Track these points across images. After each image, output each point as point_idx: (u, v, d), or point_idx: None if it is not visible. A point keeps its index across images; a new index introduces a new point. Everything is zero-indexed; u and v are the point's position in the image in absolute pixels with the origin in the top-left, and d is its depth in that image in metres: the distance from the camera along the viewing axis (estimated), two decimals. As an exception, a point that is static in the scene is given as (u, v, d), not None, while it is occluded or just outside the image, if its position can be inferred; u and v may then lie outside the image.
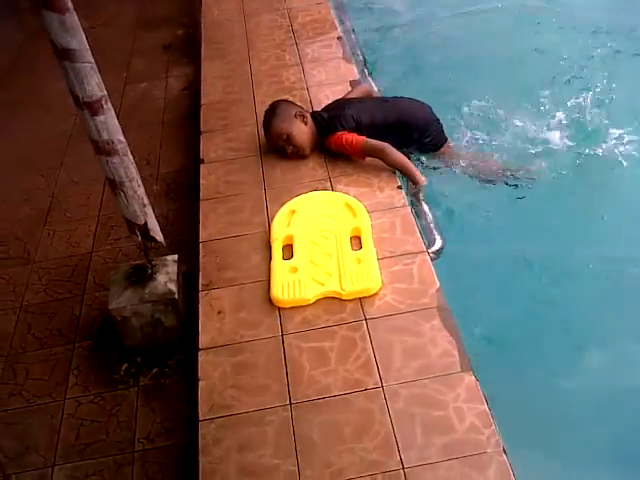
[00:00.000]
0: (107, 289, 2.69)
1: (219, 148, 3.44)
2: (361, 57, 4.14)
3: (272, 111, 3.26)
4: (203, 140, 3.52)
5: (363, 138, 3.10)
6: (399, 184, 3.05)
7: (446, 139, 3.40)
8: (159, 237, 2.61)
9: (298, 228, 2.80)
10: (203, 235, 2.92)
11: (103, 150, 2.32)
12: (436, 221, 2.95)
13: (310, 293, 2.52)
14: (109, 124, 2.28)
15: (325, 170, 3.17)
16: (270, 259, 2.71)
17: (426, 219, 2.95)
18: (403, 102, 3.39)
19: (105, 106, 2.24)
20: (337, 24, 4.40)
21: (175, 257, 2.79)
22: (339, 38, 4.23)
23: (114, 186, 2.42)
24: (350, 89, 3.67)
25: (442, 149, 3.37)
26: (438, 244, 2.82)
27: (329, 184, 3.08)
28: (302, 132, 3.20)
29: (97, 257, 3.17)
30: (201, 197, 3.13)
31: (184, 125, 4.01)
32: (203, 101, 3.83)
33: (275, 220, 2.86)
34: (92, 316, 2.88)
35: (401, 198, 2.96)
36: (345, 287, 2.51)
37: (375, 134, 3.18)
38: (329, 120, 3.21)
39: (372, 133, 3.18)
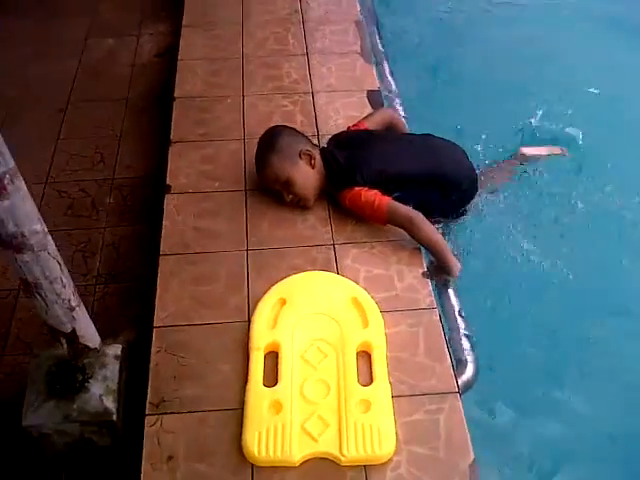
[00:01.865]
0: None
1: (192, 171, 2.62)
2: (381, 50, 3.27)
3: (270, 144, 2.43)
4: (172, 155, 2.69)
5: (388, 200, 2.33)
6: (425, 269, 2.31)
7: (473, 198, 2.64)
8: (93, 343, 1.86)
9: (287, 332, 2.05)
10: (159, 315, 2.16)
11: (9, 245, 1.52)
12: (470, 330, 2.23)
13: (298, 452, 1.81)
14: (17, 210, 1.47)
15: (329, 231, 2.40)
16: (246, 377, 1.98)
17: (456, 326, 2.23)
18: (437, 144, 2.60)
19: (11, 185, 1.43)
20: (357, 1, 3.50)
21: (118, 350, 2.03)
22: (357, 23, 3.36)
23: (28, 287, 1.63)
24: (367, 107, 2.85)
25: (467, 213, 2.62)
26: (470, 372, 2.12)
27: (332, 254, 2.32)
28: (307, 178, 2.41)
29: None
30: (161, 250, 2.34)
31: (152, 110, 3.16)
32: (177, 92, 2.96)
33: (257, 314, 2.10)
34: None
35: (427, 294, 2.23)
36: (346, 451, 1.80)
37: (405, 188, 2.42)
38: (347, 168, 2.41)
39: (401, 186, 2.42)
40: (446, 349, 2.09)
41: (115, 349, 2.03)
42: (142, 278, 2.40)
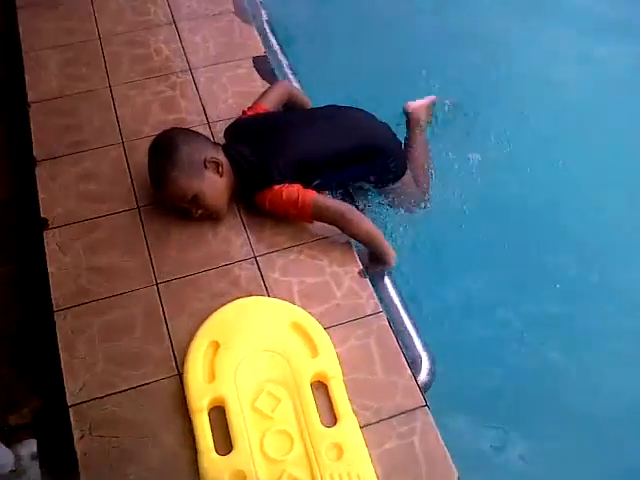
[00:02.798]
0: None
1: (70, 194, 2.22)
2: (263, 13, 2.89)
3: (166, 157, 2.04)
4: (40, 178, 2.26)
5: (312, 195, 2.04)
6: (360, 266, 2.07)
7: (406, 164, 2.40)
8: (8, 466, 1.52)
9: (229, 382, 1.78)
10: (71, 388, 1.82)
11: None
12: (413, 321, 2.03)
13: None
14: None
15: (246, 241, 2.10)
16: (194, 446, 1.70)
17: (400, 320, 2.02)
18: (352, 115, 2.30)
19: None
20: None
21: (33, 446, 1.72)
22: (223, -26, 2.93)
23: None
24: (258, 78, 2.51)
25: (403, 178, 2.37)
26: (425, 368, 1.94)
27: (256, 269, 2.03)
28: (217, 188, 2.07)
29: None
30: (54, 305, 1.97)
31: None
32: (31, 96, 2.49)
33: (190, 367, 1.80)
34: None
35: (369, 296, 2.00)
36: (331, 515, 1.59)
37: (326, 173, 2.17)
38: (260, 165, 2.08)
39: (322, 172, 2.15)
40: (403, 358, 1.88)
41: (29, 446, 1.71)
42: (28, 335, 2.02)
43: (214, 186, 2.06)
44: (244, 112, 2.29)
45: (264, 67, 2.57)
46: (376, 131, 2.29)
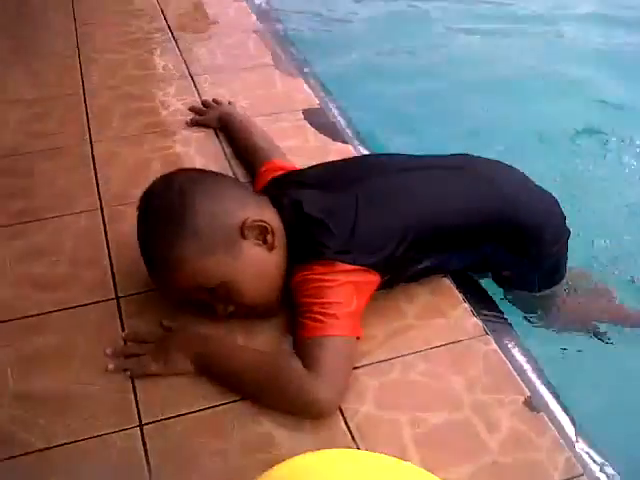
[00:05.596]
0: None
1: (6, 278, 1.30)
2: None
3: (172, 218, 1.14)
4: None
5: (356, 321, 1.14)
6: (527, 393, 1.10)
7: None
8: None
9: None
10: None
11: None
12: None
13: None
14: None
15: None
16: None
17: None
18: (494, 169, 1.38)
19: None
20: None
21: None
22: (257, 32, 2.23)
23: None
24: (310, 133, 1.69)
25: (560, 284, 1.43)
26: None
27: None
28: (261, 271, 1.17)
29: None
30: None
31: None
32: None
33: None
34: None
35: (553, 443, 1.01)
36: None
37: (443, 252, 1.27)
38: (327, 223, 1.17)
39: (439, 249, 1.26)
40: None
41: None
42: None
43: (257, 267, 1.16)
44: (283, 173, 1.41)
45: (319, 121, 1.77)
46: (545, 204, 1.38)
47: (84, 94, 1.89)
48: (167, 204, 1.16)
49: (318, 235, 1.15)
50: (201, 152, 1.65)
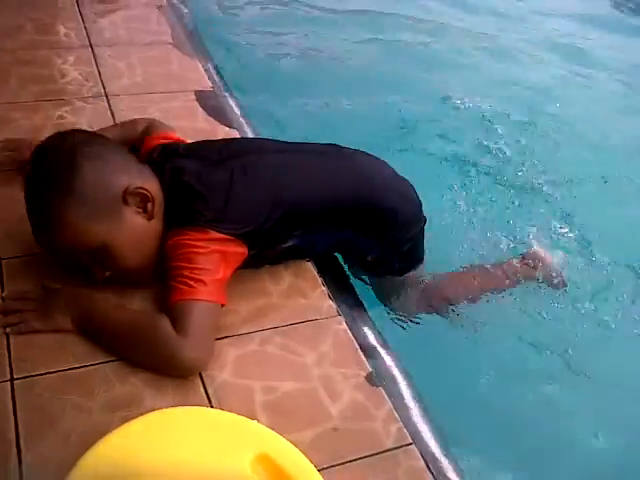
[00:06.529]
0: None
1: None
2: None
3: (57, 180, 1.20)
4: None
5: (220, 284, 1.23)
6: (369, 368, 1.24)
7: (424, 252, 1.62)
8: None
9: None
10: None
11: None
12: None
13: None
14: None
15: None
16: None
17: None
18: (363, 159, 1.51)
19: None
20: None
21: None
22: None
23: None
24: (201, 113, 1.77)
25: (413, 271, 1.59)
26: None
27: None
28: (139, 237, 1.25)
29: None
30: None
31: None
32: None
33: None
34: None
35: (388, 414, 1.16)
36: None
37: (312, 230, 1.38)
38: (204, 191, 1.27)
39: (308, 227, 1.37)
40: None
41: None
42: None
43: (135, 233, 1.24)
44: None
45: (209, 104, 1.85)
46: (399, 189, 1.52)
47: (-20, 54, 1.90)
48: (56, 164, 1.21)
49: (194, 203, 1.25)
50: (94, 123, 1.70)
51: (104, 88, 1.83)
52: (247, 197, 1.29)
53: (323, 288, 1.36)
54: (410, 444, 1.14)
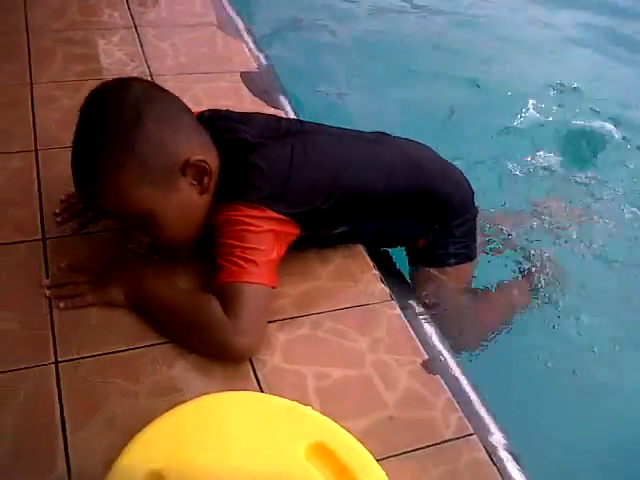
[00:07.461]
0: None
1: None
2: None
3: (117, 133, 1.11)
4: None
5: (274, 263, 1.18)
6: (425, 355, 1.18)
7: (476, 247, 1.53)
8: None
9: None
10: None
11: None
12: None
13: None
14: None
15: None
16: None
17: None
18: (416, 147, 1.45)
19: None
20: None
21: None
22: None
23: None
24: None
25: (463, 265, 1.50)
26: None
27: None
28: (188, 211, 1.19)
29: None
30: None
31: None
32: None
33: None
34: None
35: (447, 403, 1.10)
36: None
37: (367, 218, 1.34)
38: (267, 171, 1.20)
39: (363, 215, 1.33)
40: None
41: None
42: None
43: (185, 206, 1.18)
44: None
45: (255, 84, 1.80)
46: (452, 176, 1.46)
47: (27, 34, 1.88)
48: (119, 119, 1.12)
49: (251, 177, 1.18)
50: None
51: (149, 68, 1.80)
52: (307, 177, 1.23)
53: (375, 271, 1.30)
54: (472, 434, 1.08)
